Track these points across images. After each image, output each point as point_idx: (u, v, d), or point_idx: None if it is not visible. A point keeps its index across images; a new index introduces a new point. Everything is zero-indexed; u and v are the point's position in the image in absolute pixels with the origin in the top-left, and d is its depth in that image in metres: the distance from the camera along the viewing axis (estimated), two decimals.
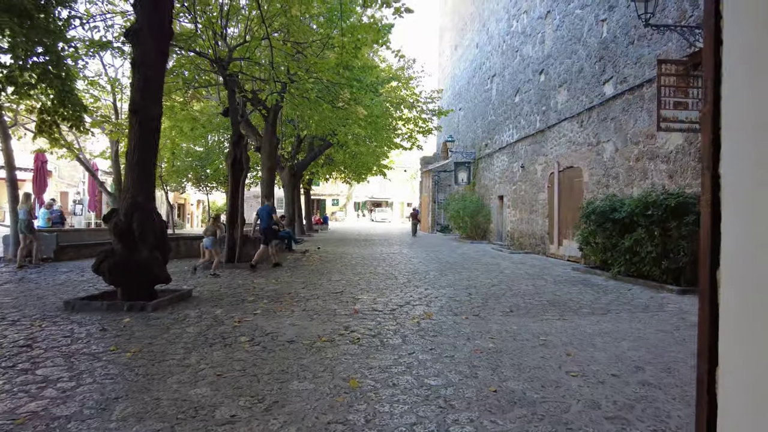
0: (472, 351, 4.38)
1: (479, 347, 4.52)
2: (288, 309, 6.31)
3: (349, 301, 7.02)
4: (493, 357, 4.21)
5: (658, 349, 4.52)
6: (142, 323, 5.32)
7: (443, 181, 28.94)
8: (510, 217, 18.25)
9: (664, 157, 9.23)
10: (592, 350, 4.48)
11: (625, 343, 4.77)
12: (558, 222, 13.98)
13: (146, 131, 6.30)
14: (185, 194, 41.06)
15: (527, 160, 16.48)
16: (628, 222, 8.96)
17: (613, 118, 11.06)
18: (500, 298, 7.40)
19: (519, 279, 9.54)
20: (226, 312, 6.03)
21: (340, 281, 9.07)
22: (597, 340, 4.88)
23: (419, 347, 4.48)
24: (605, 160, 11.42)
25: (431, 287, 8.39)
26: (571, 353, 4.36)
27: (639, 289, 8.21)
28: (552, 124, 14.38)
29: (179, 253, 13.30)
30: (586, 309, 6.55)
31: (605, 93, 11.41)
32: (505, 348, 4.51)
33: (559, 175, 13.93)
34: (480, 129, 22.61)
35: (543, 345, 4.65)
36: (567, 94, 13.42)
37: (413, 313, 6.19)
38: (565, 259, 13.43)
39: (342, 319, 5.73)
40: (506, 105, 18.75)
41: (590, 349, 4.50)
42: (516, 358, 4.19)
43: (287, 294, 7.58)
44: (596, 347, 4.59)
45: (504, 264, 12.31)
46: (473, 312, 6.28)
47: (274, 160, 16.50)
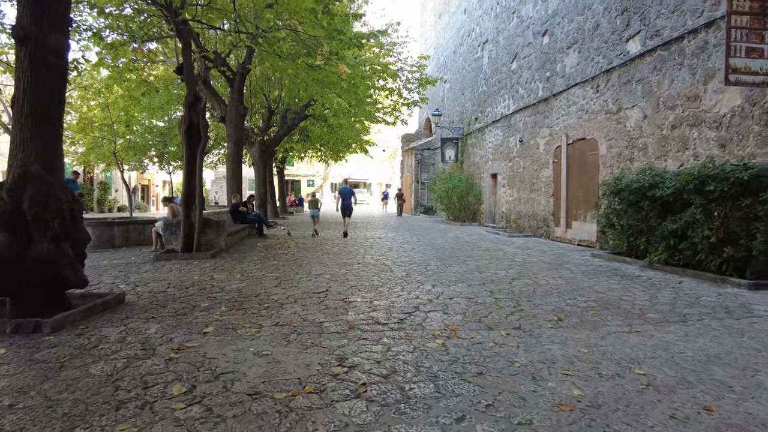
0: (553, 408, 2.69)
1: (561, 397, 2.83)
2: (254, 322, 4.51)
3: (338, 306, 5.25)
4: (596, 420, 2.53)
5: None
6: (20, 359, 3.43)
7: (427, 160, 27.20)
8: (506, 197, 16.68)
9: (712, 122, 7.67)
10: (726, 392, 2.86)
11: (763, 375, 3.17)
12: (566, 202, 12.44)
13: (41, 69, 4.32)
14: (149, 174, 38.31)
15: (527, 134, 14.85)
16: (672, 200, 7.42)
17: (640, 79, 9.44)
18: (532, 297, 5.76)
19: (538, 270, 7.94)
20: (164, 330, 4.19)
21: (323, 275, 7.29)
22: (716, 370, 3.27)
23: (467, 403, 2.76)
24: (629, 130, 9.84)
25: (438, 283, 6.69)
26: (707, 404, 2.72)
27: (692, 282, 6.70)
28: (558, 92, 12.73)
29: (129, 241, 11.25)
30: (654, 314, 4.96)
31: (629, 51, 9.77)
32: (602, 397, 2.84)
33: (568, 149, 12.35)
34: (469, 102, 20.86)
35: (651, 386, 3.00)
36: (578, 56, 11.75)
37: (430, 326, 4.47)
38: (575, 243, 11.94)
39: (332, 340, 3.97)
40: (501, 73, 17.02)
41: (724, 391, 2.87)
42: (631, 419, 2.53)
43: (254, 296, 5.77)
44: (724, 384, 2.97)
45: (509, 250, 10.71)
46: (511, 323, 4.61)
47: (241, 132, 14.45)
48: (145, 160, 24.29)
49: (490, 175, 18.23)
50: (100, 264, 8.43)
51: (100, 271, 7.61)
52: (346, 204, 13.81)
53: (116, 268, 7.96)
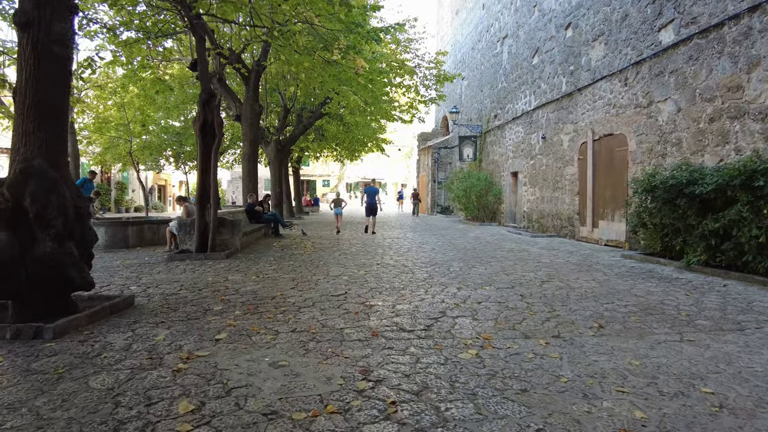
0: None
1: (621, 420, 2.45)
2: (269, 329, 4.19)
3: (358, 310, 4.91)
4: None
5: None
6: (16, 369, 3.15)
7: (443, 159, 26.76)
8: (527, 195, 16.18)
9: (757, 113, 7.16)
10: None
11: None
12: (592, 200, 11.94)
13: (45, 58, 4.06)
14: (165, 174, 38.51)
15: (550, 130, 14.35)
16: (713, 197, 6.94)
17: (673, 71, 8.94)
18: (566, 302, 5.35)
19: (568, 271, 7.51)
20: (173, 337, 3.89)
21: (342, 277, 6.96)
22: None
23: (514, 427, 2.39)
24: (661, 124, 9.33)
25: (464, 285, 6.31)
26: None
27: (738, 285, 6.21)
28: (584, 86, 12.23)
29: (143, 240, 11.07)
30: (703, 321, 4.52)
31: (661, 41, 9.26)
32: (669, 421, 2.44)
33: (594, 145, 11.84)
34: (488, 99, 20.38)
35: (724, 408, 2.60)
36: (604, 48, 11.25)
37: (460, 334, 4.10)
38: (602, 243, 11.44)
39: (354, 349, 3.63)
40: (521, 69, 16.53)
41: None
42: None
43: (270, 299, 5.46)
44: None
45: (534, 251, 10.27)
46: (548, 330, 4.22)
47: (257, 130, 14.22)
48: (161, 160, 24.28)
49: (511, 174, 17.75)
50: (112, 264, 8.22)
51: (111, 272, 7.39)
52: (371, 203, 14.38)
53: (128, 269, 7.74)
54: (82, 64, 11.02)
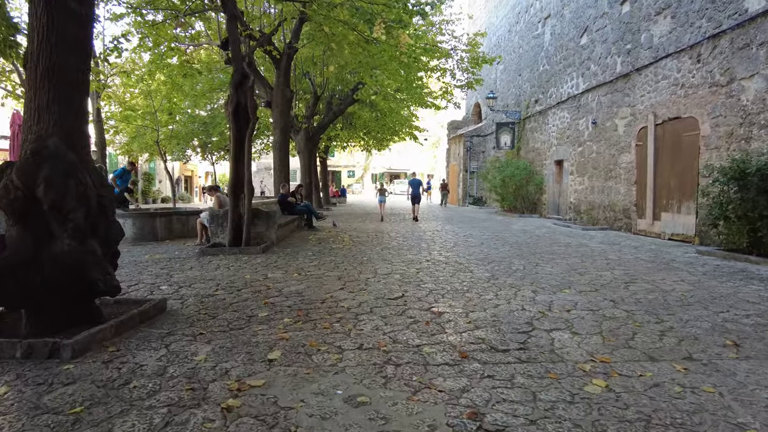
0: None
1: None
2: (330, 344, 3.44)
3: (427, 319, 4.13)
4: None
5: None
6: (22, 406, 2.45)
7: (476, 147, 25.71)
8: (574, 185, 15.13)
9: None
10: None
11: None
12: (653, 190, 10.89)
13: (61, 16, 3.35)
14: (191, 165, 38.36)
15: (602, 115, 13.26)
16: None
17: (763, 42, 7.83)
18: (669, 309, 4.47)
19: (646, 270, 6.59)
20: (217, 356, 3.17)
21: (392, 275, 6.20)
22: None
23: None
24: (744, 104, 8.24)
25: (538, 288, 5.47)
26: None
27: None
28: (643, 66, 11.13)
29: (172, 233, 10.51)
30: None
31: (747, 9, 8.15)
32: None
33: (656, 130, 10.76)
34: (527, 83, 19.26)
35: None
36: (671, 22, 10.13)
37: (567, 354, 3.28)
38: (664, 237, 10.40)
39: (446, 378, 2.85)
40: (567, 50, 15.40)
41: None
42: None
43: (320, 302, 4.73)
44: None
45: (594, 246, 9.32)
46: (672, 350, 3.37)
47: (288, 117, 13.52)
48: (187, 150, 23.86)
49: (555, 162, 16.68)
50: (141, 259, 7.62)
51: (140, 268, 6.77)
52: (416, 193, 16.08)
53: (158, 265, 7.12)
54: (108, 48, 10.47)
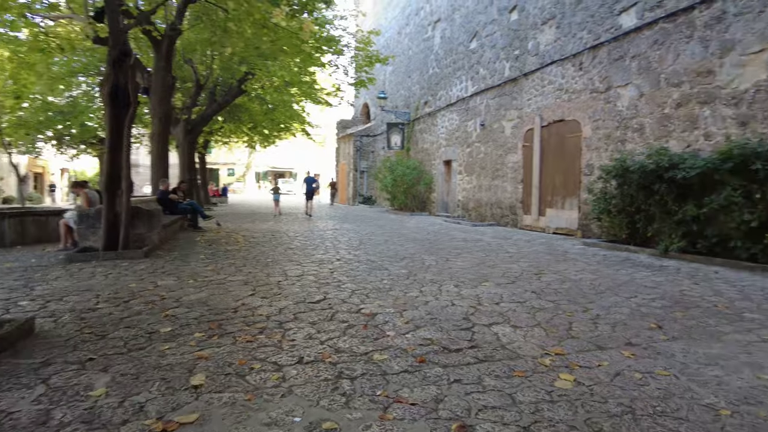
0: None
1: None
2: (263, 359, 2.92)
3: (362, 322, 3.77)
4: None
5: None
6: None
7: (366, 147, 25.80)
8: (463, 184, 15.77)
9: (730, 98, 7.07)
10: None
11: None
12: (539, 188, 11.70)
13: None
14: (42, 161, 33.19)
15: (490, 117, 13.98)
16: (697, 183, 6.72)
17: (635, 55, 8.76)
18: (588, 297, 4.65)
19: (548, 262, 6.93)
20: (121, 388, 2.47)
21: (305, 276, 5.72)
22: None
23: None
24: (620, 109, 9.16)
25: (459, 282, 5.39)
26: None
27: (730, 272, 5.99)
28: (531, 71, 11.92)
29: (25, 237, 8.76)
30: (752, 314, 4.04)
31: (621, 25, 9.06)
32: None
33: (542, 132, 11.58)
34: (417, 85, 19.73)
35: None
36: (556, 32, 10.96)
37: (520, 349, 3.15)
38: (549, 231, 11.23)
39: (413, 388, 2.51)
40: (457, 54, 16.03)
41: None
42: None
43: (232, 311, 4.10)
44: None
45: (491, 240, 9.70)
46: (610, 337, 3.43)
47: (168, 106, 12.17)
48: (39, 142, 20.44)
49: (444, 162, 17.27)
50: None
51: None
52: (310, 189, 17.46)
53: (10, 275, 5.78)
54: None
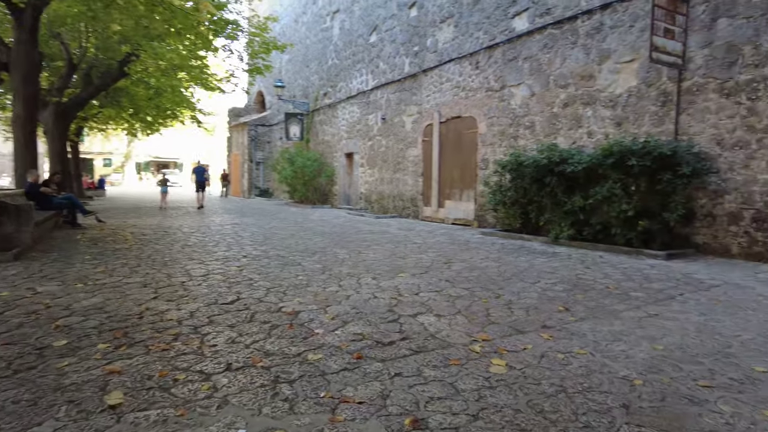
0: None
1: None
2: (185, 369, 2.66)
3: (280, 319, 3.62)
4: None
5: None
6: None
7: (261, 137, 24.86)
8: (365, 177, 15.88)
9: (608, 101, 7.92)
10: None
11: None
12: (438, 181, 12.17)
13: None
14: None
15: (390, 111, 14.21)
16: (583, 176, 7.44)
17: (527, 57, 9.44)
18: (497, 283, 4.93)
19: (453, 251, 7.24)
20: (16, 416, 2.08)
21: (211, 275, 5.36)
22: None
23: None
24: (513, 108, 9.82)
25: (376, 275, 5.41)
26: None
27: (610, 256, 6.73)
28: (429, 68, 12.31)
29: None
30: (638, 293, 4.58)
31: (515, 28, 9.70)
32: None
33: (441, 127, 12.04)
34: (315, 75, 19.42)
35: None
36: (454, 30, 11.42)
37: (448, 337, 3.23)
38: (448, 222, 11.75)
39: (356, 386, 2.45)
40: (356, 46, 16.03)
41: None
42: None
43: (136, 317, 3.70)
44: None
45: (396, 232, 9.90)
46: (527, 321, 3.67)
47: (35, 86, 10.62)
48: None
49: (345, 155, 17.24)
50: None
51: None
52: (201, 180, 16.77)
53: None
54: None
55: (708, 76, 6.50)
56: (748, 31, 6.09)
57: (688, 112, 6.75)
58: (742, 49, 6.16)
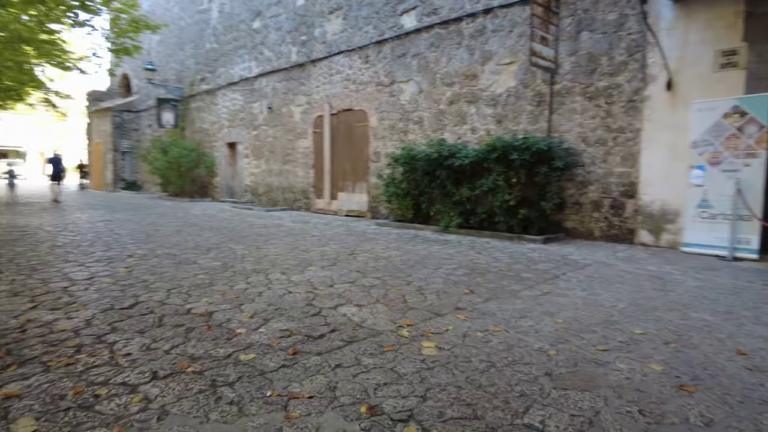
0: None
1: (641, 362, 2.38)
2: (104, 383, 2.40)
3: (194, 321, 3.42)
4: None
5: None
6: None
7: (128, 124, 22.53)
8: (250, 168, 15.27)
9: (490, 100, 8.61)
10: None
11: (693, 312, 3.51)
12: (330, 173, 12.18)
13: None
14: None
15: (277, 100, 13.83)
16: (469, 169, 8.02)
17: (416, 54, 9.84)
18: (406, 271, 5.17)
19: (353, 242, 7.38)
20: None
21: (97, 279, 4.82)
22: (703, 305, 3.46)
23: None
24: (403, 103, 10.20)
25: (282, 269, 5.32)
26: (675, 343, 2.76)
27: (496, 242, 7.39)
28: (318, 58, 12.22)
29: None
30: (528, 274, 5.12)
31: (403, 25, 10.05)
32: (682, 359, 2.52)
33: (332, 119, 12.04)
34: (192, 59, 18.10)
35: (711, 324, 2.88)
36: (343, 23, 11.46)
37: (376, 325, 3.33)
38: (341, 214, 11.86)
39: (301, 383, 2.44)
40: (239, 31, 15.28)
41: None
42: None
43: (17, 330, 3.22)
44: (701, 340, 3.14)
45: (292, 225, 9.75)
46: (441, 304, 3.92)
47: None
48: None
49: (227, 144, 16.39)
50: None
51: None
52: (57, 171, 15.40)
53: None
54: None
55: (574, 80, 7.42)
56: (604, 44, 7.07)
57: (559, 112, 7.64)
58: (600, 60, 7.14)
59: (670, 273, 5.12)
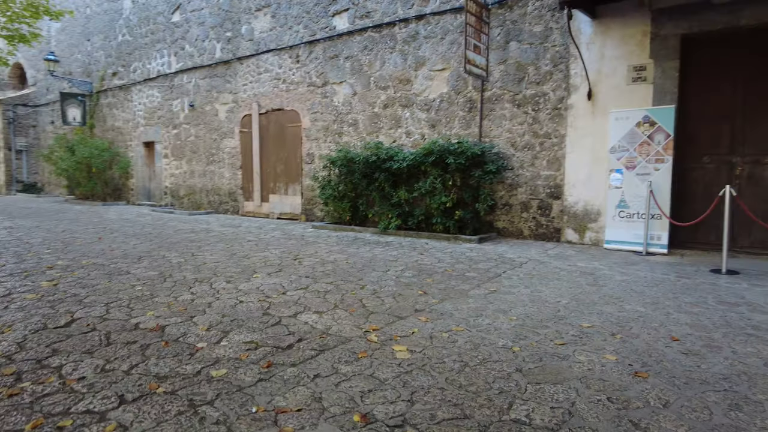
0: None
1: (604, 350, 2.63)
2: (65, 413, 2.20)
3: (146, 338, 3.24)
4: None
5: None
6: None
7: (24, 120, 20.32)
8: (170, 169, 14.42)
9: (423, 104, 8.84)
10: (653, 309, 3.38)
11: (628, 305, 3.91)
12: (261, 175, 11.85)
13: None
14: None
15: (200, 98, 13.19)
16: (407, 172, 8.20)
17: (349, 56, 9.86)
18: (356, 275, 5.20)
19: (294, 246, 7.27)
20: None
21: (19, 295, 4.37)
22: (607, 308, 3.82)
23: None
24: (337, 105, 10.17)
25: (226, 277, 5.13)
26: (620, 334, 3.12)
27: (435, 242, 7.62)
28: (245, 56, 11.83)
29: None
30: (472, 273, 5.35)
31: (335, 26, 10.02)
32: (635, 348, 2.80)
33: (261, 119, 11.72)
34: (101, 52, 16.71)
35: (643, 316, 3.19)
36: (272, 21, 11.19)
37: (341, 332, 3.34)
38: (273, 217, 11.59)
39: (282, 395, 2.39)
40: (156, 24, 14.36)
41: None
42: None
43: None
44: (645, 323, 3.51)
45: (223, 230, 9.38)
46: (401, 307, 4.00)
47: None
48: None
49: (144, 144, 15.34)
50: None
51: None
52: None
53: None
54: None
55: (504, 88, 7.85)
56: (531, 54, 7.55)
57: (489, 118, 8.04)
58: (528, 69, 7.61)
59: (599, 269, 5.61)
